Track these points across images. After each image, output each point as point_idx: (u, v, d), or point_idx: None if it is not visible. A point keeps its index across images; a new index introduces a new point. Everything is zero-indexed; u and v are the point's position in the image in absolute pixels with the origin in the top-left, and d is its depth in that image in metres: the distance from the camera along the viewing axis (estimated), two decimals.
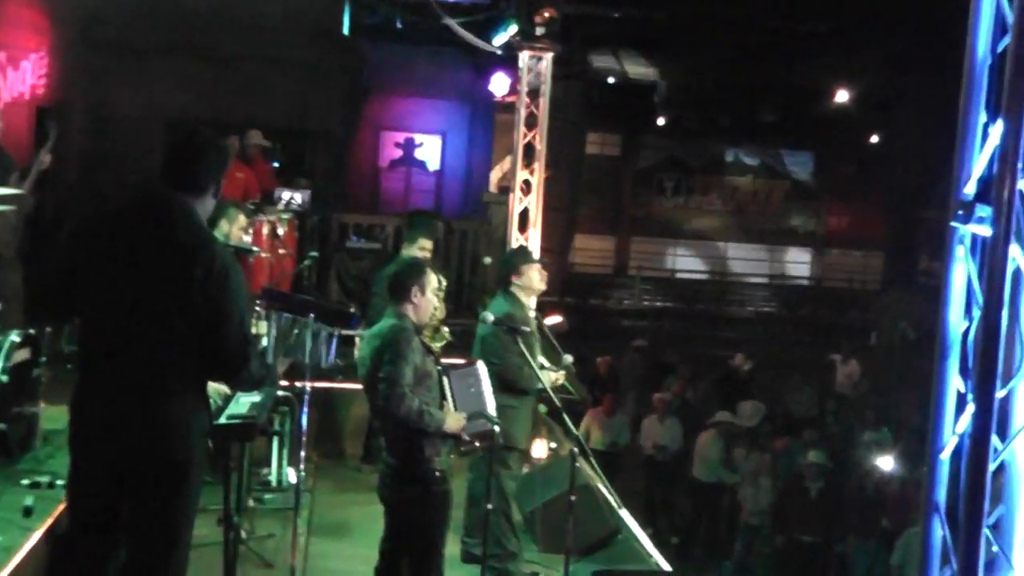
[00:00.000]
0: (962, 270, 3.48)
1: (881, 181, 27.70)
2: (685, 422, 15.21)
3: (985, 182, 3.38)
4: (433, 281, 5.95)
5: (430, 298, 5.89)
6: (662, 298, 27.91)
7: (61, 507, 5.68)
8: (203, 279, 4.09)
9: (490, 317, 6.77)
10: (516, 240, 12.59)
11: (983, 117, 3.45)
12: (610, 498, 8.32)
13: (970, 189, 3.42)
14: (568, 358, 7.69)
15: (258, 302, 7.00)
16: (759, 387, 18.31)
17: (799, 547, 12.62)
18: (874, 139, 27.24)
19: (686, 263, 29.75)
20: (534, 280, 7.35)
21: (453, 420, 5.65)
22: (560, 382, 7.38)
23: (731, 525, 14.19)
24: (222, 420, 5.36)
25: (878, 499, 12.90)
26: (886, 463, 13.48)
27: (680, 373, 17.74)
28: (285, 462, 8.05)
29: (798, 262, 30.65)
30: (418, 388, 5.55)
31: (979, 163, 3.42)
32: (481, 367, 6.16)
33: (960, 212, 3.38)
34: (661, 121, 26.33)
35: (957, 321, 3.52)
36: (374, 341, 5.67)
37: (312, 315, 6.32)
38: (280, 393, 6.74)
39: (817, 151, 29.54)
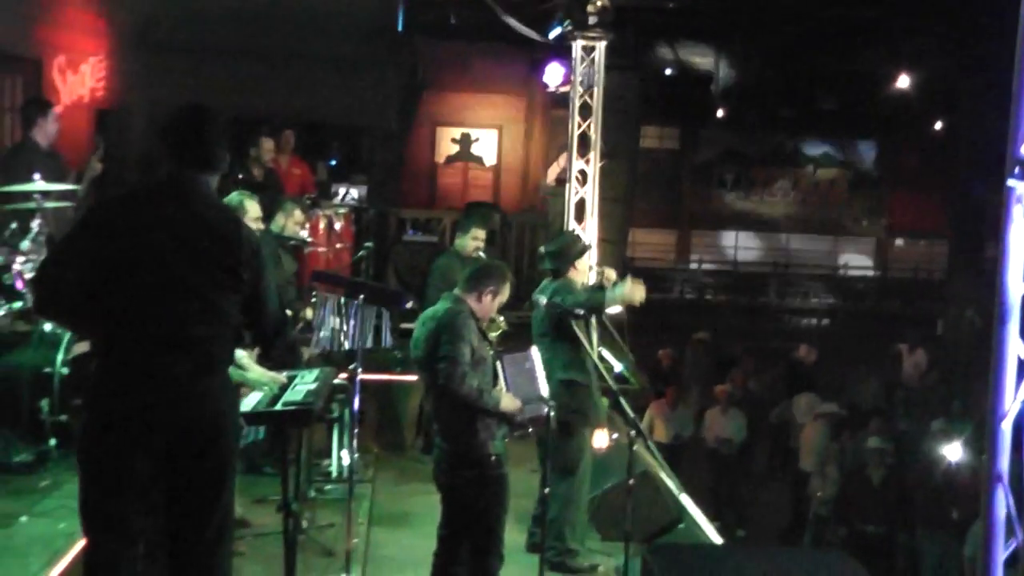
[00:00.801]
0: (1020, 230, 3.37)
1: (945, 168, 27.22)
2: (748, 414, 15.08)
3: None
4: (505, 294, 5.93)
5: (494, 306, 5.90)
6: (724, 291, 27.69)
7: None
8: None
9: (542, 300, 6.78)
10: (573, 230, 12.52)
11: None
12: (671, 485, 8.25)
13: None
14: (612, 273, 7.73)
15: (313, 289, 7.03)
16: (824, 379, 18.10)
17: (863, 537, 12.41)
18: (937, 125, 26.79)
19: (748, 255, 29.48)
20: (585, 267, 7.52)
21: (509, 401, 5.62)
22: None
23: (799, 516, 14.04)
24: (278, 407, 5.36)
25: (947, 489, 12.65)
26: (954, 452, 13.20)
27: (743, 365, 17.60)
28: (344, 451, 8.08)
29: (862, 252, 30.27)
30: (474, 372, 5.54)
31: None
32: (535, 352, 6.13)
33: (1017, 170, 3.27)
34: (719, 113, 26.14)
35: (1016, 284, 3.41)
36: (429, 323, 5.67)
37: (362, 296, 6.32)
38: (336, 381, 6.76)
39: (880, 139, 29.12)
